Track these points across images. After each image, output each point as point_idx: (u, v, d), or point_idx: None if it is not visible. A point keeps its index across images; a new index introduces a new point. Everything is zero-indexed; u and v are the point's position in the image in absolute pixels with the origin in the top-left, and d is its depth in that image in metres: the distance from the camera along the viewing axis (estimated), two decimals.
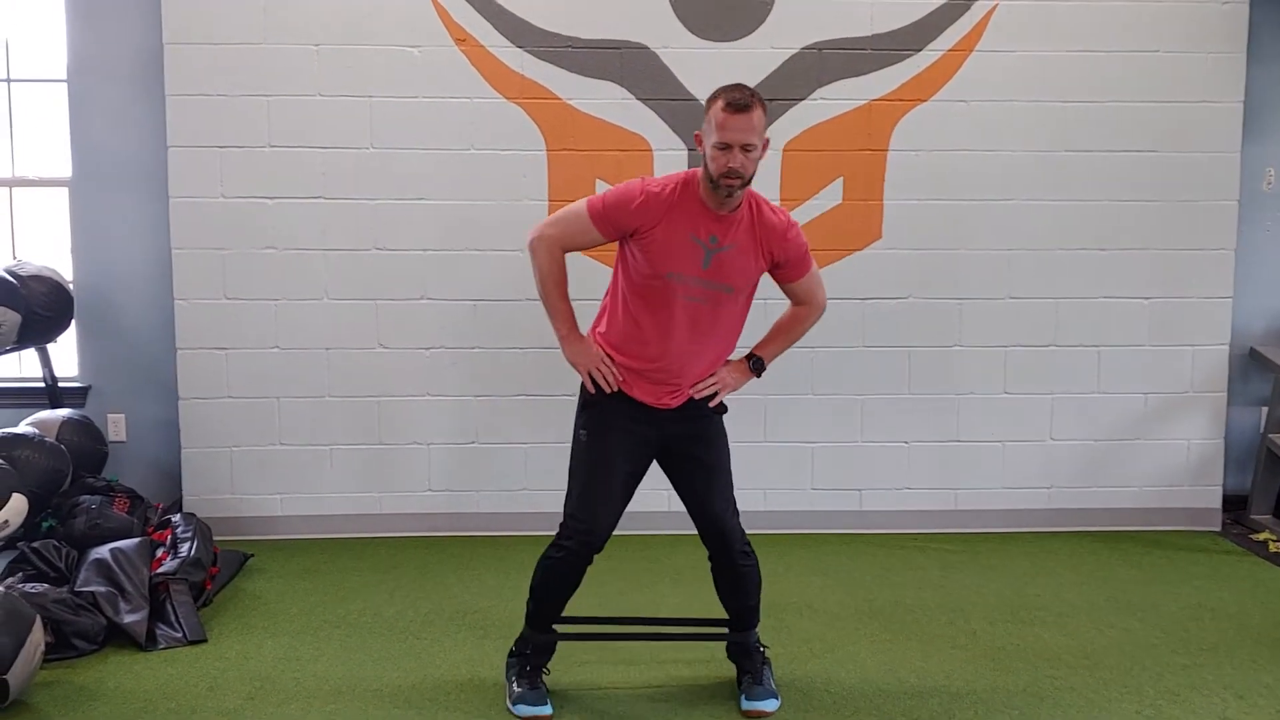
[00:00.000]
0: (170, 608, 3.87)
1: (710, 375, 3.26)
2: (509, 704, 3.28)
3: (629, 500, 3.27)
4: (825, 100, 4.91)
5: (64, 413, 4.79)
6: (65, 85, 4.99)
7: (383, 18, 4.79)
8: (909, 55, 4.91)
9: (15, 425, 4.55)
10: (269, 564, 4.62)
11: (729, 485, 3.31)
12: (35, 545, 4.04)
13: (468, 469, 5.01)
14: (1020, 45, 4.91)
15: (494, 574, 4.47)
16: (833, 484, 5.10)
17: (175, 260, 4.87)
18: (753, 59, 4.87)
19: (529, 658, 3.33)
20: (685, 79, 4.87)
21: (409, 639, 3.83)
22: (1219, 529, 5.15)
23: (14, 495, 3.91)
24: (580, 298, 3.30)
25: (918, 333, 5.04)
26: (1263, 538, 5.01)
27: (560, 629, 3.40)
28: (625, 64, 4.86)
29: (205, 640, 3.80)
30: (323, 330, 4.92)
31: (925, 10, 4.89)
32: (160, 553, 4.15)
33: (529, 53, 4.83)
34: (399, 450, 5.01)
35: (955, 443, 5.10)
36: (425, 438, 4.99)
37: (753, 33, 4.87)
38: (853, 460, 5.09)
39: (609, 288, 3.28)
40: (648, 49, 4.86)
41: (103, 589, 3.82)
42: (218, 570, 4.30)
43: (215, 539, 4.47)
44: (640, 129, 4.87)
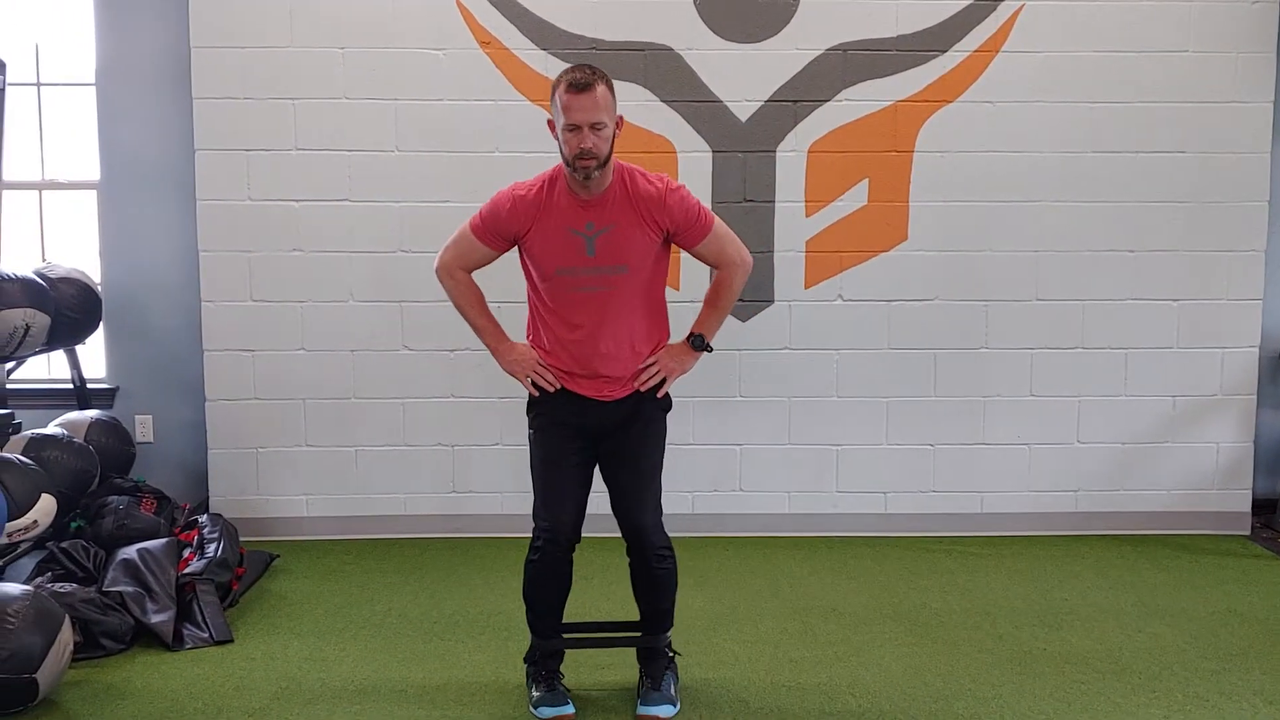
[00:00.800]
0: (197, 608, 3.89)
1: (651, 364, 3.23)
2: (531, 708, 3.29)
3: (588, 489, 3.25)
4: (850, 101, 4.90)
5: (92, 414, 4.83)
6: (94, 89, 5.04)
7: (408, 21, 4.81)
8: (934, 56, 4.88)
9: (44, 426, 4.58)
10: (294, 565, 4.64)
11: (655, 487, 3.26)
12: (64, 545, 4.08)
13: (492, 470, 5.02)
14: (1047, 46, 4.88)
15: (518, 576, 4.41)
16: (858, 486, 5.08)
17: (202, 262, 4.91)
18: (777, 60, 4.87)
19: (540, 664, 3.34)
20: (709, 81, 4.87)
21: (434, 640, 3.84)
22: (1248, 533, 5.10)
23: (43, 495, 3.94)
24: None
25: (944, 335, 5.01)
26: None
27: (567, 635, 3.41)
28: (649, 66, 4.86)
29: (232, 640, 3.82)
30: (348, 332, 4.94)
31: (951, 11, 4.86)
32: (187, 553, 4.18)
33: (553, 55, 4.84)
34: (424, 451, 5.03)
35: (981, 445, 5.07)
36: (450, 439, 5.00)
37: (777, 34, 4.86)
38: (878, 463, 5.07)
39: (527, 298, 3.27)
40: (672, 50, 4.85)
41: (130, 589, 3.85)
42: (244, 571, 4.33)
43: (241, 539, 4.50)
44: (664, 131, 4.87)
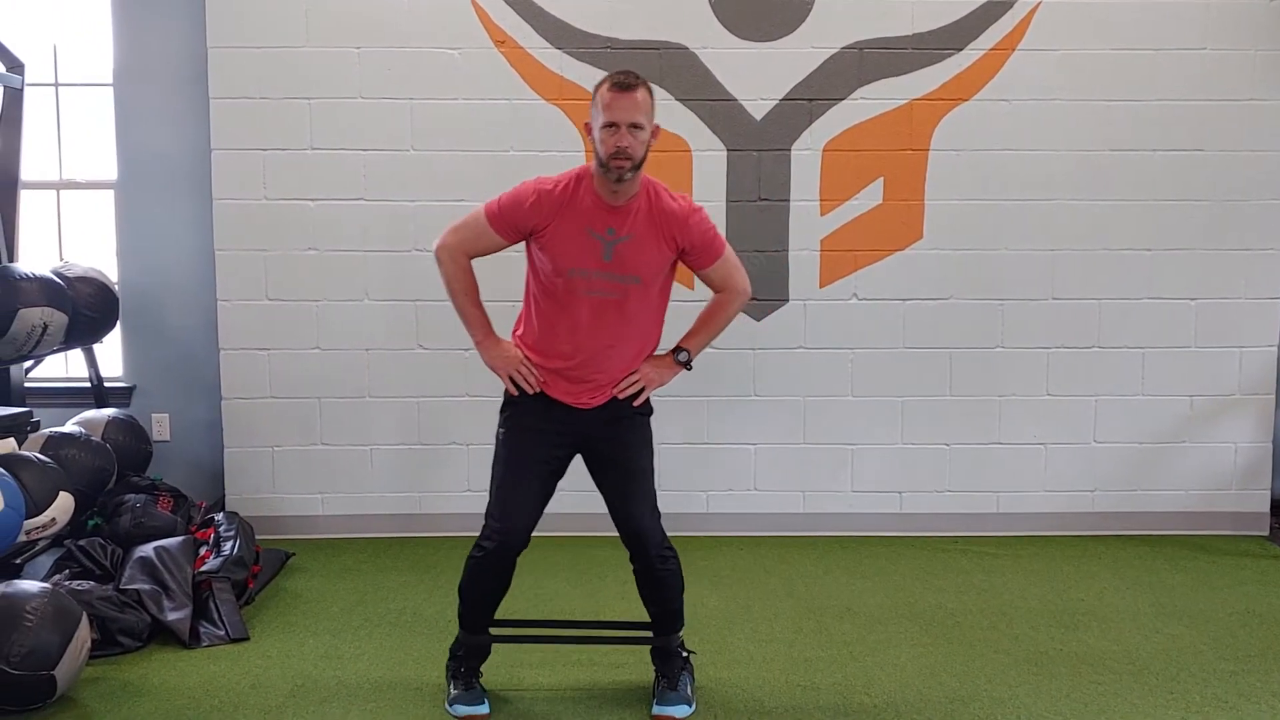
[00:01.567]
0: (213, 606, 3.91)
1: (632, 372, 3.22)
2: (446, 705, 3.29)
3: (548, 499, 3.25)
4: (866, 100, 4.88)
5: (109, 412, 4.85)
6: (111, 89, 5.06)
7: (423, 21, 4.82)
8: (950, 54, 4.87)
9: (62, 424, 4.61)
10: (310, 563, 4.66)
11: (648, 488, 3.25)
12: (81, 543, 4.10)
13: None
14: (1063, 44, 4.86)
15: (532, 575, 4.47)
16: (873, 486, 5.07)
17: (218, 261, 4.92)
18: (793, 59, 4.86)
19: (462, 659, 3.34)
20: (725, 79, 4.86)
21: (449, 638, 3.82)
22: (1267, 533, 5.07)
23: (61, 493, 3.96)
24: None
25: (959, 334, 5.00)
26: None
27: (499, 631, 3.41)
28: (665, 65, 4.85)
29: (248, 638, 3.84)
30: (363, 331, 4.96)
31: (967, 9, 4.85)
32: (203, 551, 4.19)
33: (568, 54, 4.84)
34: (439, 450, 5.04)
35: (997, 445, 5.05)
36: (465, 438, 5.01)
37: (793, 32, 4.85)
38: (893, 462, 5.06)
39: (524, 291, 3.27)
40: (687, 49, 4.85)
41: (147, 587, 3.87)
42: (260, 569, 4.34)
43: (257, 538, 4.52)
44: (679, 130, 4.87)
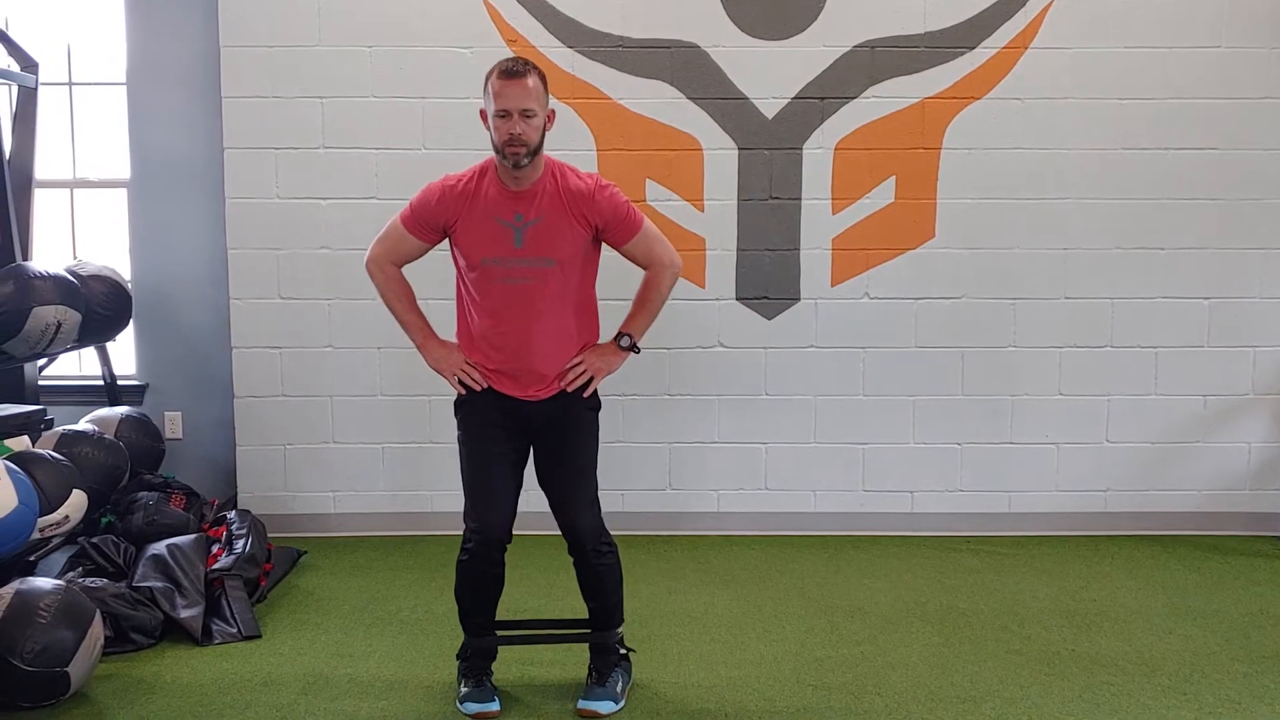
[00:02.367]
0: (225, 603, 3.92)
1: (577, 363, 3.23)
2: (458, 703, 3.30)
3: (519, 490, 3.26)
4: (877, 98, 4.87)
5: (122, 410, 4.87)
6: (125, 88, 5.08)
7: (435, 19, 4.82)
8: (963, 53, 4.85)
9: (75, 422, 4.62)
10: (322, 560, 4.67)
11: (587, 483, 3.26)
12: (94, 541, 4.12)
13: None
14: (1076, 42, 4.84)
15: (544, 573, 4.48)
16: (884, 485, 5.06)
17: (231, 260, 4.94)
18: (804, 57, 4.85)
19: (470, 661, 3.35)
20: (736, 78, 4.86)
21: (459, 636, 3.84)
22: None
23: (74, 491, 3.97)
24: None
25: (971, 333, 4.98)
26: None
27: (506, 632, 3.43)
28: (676, 63, 4.85)
29: (260, 636, 3.85)
30: (375, 329, 4.96)
31: (979, 7, 4.83)
32: (216, 549, 4.21)
33: (580, 53, 4.84)
34: (450, 449, 4.94)
35: (1009, 444, 5.04)
36: None
37: (804, 31, 4.84)
38: (905, 461, 5.05)
39: (455, 293, 3.28)
40: (699, 48, 4.85)
41: (160, 584, 3.88)
42: (272, 566, 4.35)
43: (269, 536, 4.53)
44: (691, 128, 4.86)
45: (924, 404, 5.02)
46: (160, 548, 4.04)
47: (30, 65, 4.85)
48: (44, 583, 3.39)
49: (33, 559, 4.00)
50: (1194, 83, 4.86)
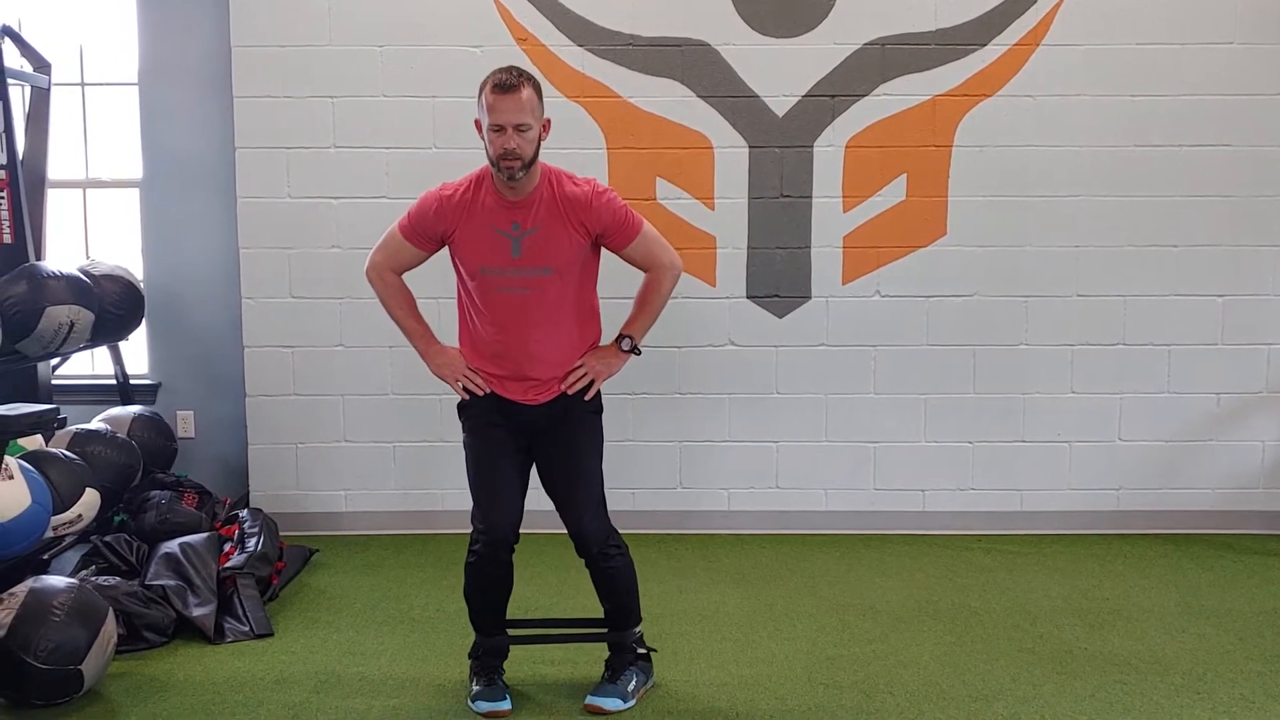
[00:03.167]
0: (238, 601, 3.93)
1: (578, 366, 3.22)
2: (469, 701, 3.30)
3: (524, 490, 3.26)
4: (889, 96, 4.86)
5: (135, 409, 4.88)
6: (137, 89, 5.09)
7: (446, 19, 4.83)
8: (974, 50, 4.84)
9: (88, 421, 4.64)
10: (333, 559, 4.68)
11: (591, 486, 3.25)
12: (107, 539, 4.13)
13: None
14: (1088, 39, 4.82)
15: (554, 571, 4.48)
16: (896, 484, 5.05)
17: (242, 259, 4.95)
18: (815, 55, 4.84)
19: (482, 660, 3.35)
20: (747, 76, 4.85)
21: (471, 634, 3.84)
22: None
23: (87, 490, 3.99)
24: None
25: (983, 331, 4.97)
26: None
27: (517, 631, 3.42)
28: (686, 61, 4.85)
29: (272, 634, 3.86)
30: (386, 329, 4.88)
31: (991, 4, 4.82)
32: (228, 547, 4.21)
33: (590, 51, 4.84)
34: (461, 448, 5.02)
35: (1021, 443, 5.02)
36: None
37: (815, 28, 4.84)
38: (916, 460, 5.04)
39: (456, 299, 3.28)
40: (709, 46, 4.84)
41: (172, 582, 3.89)
42: (284, 565, 4.36)
43: (281, 534, 4.53)
44: (701, 126, 4.86)
45: (935, 402, 5.01)
46: (173, 546, 4.05)
47: (43, 66, 4.87)
48: (57, 581, 3.40)
49: (46, 557, 4.02)
50: (1206, 79, 4.84)
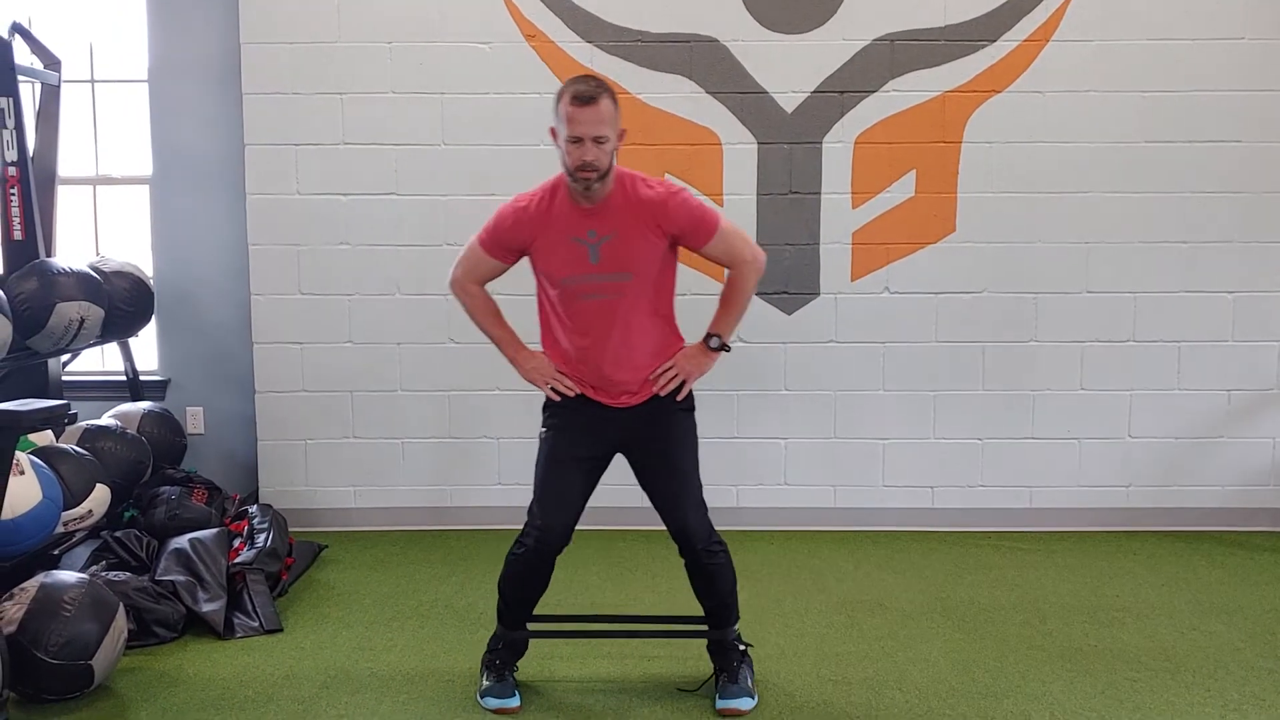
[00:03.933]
0: (247, 597, 3.94)
1: (668, 366, 3.22)
2: (478, 696, 3.30)
3: (588, 497, 3.25)
4: (897, 92, 4.85)
5: (144, 405, 4.89)
6: (146, 85, 5.10)
7: (454, 15, 4.83)
8: (983, 46, 4.82)
9: (98, 417, 4.65)
10: (342, 555, 4.69)
11: (691, 484, 3.25)
12: (117, 535, 4.15)
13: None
14: (1099, 35, 4.80)
15: (563, 569, 4.43)
16: (905, 480, 5.04)
17: (252, 256, 4.96)
18: (824, 51, 4.83)
19: (499, 653, 3.34)
20: (755, 72, 4.84)
21: (480, 631, 3.85)
22: None
23: (97, 485, 4.00)
24: None
25: (992, 327, 4.96)
26: None
27: (532, 626, 3.40)
28: (695, 57, 4.84)
29: (281, 630, 3.87)
30: (395, 325, 4.98)
31: (1000, 0, 4.80)
32: (237, 543, 4.23)
33: (599, 47, 4.84)
34: (469, 444, 5.05)
35: (1030, 440, 5.01)
36: (495, 432, 5.03)
37: (824, 24, 4.82)
38: (925, 457, 5.03)
39: (538, 306, 3.27)
40: (717, 42, 4.84)
41: (182, 578, 3.90)
42: (293, 561, 4.37)
43: (290, 530, 4.55)
44: (709, 123, 4.85)
45: (945, 399, 5.00)
46: (182, 542, 4.06)
47: (53, 63, 4.89)
48: (68, 576, 3.41)
49: (57, 553, 4.03)
50: (1217, 74, 4.82)
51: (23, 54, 4.74)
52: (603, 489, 3.32)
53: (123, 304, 4.65)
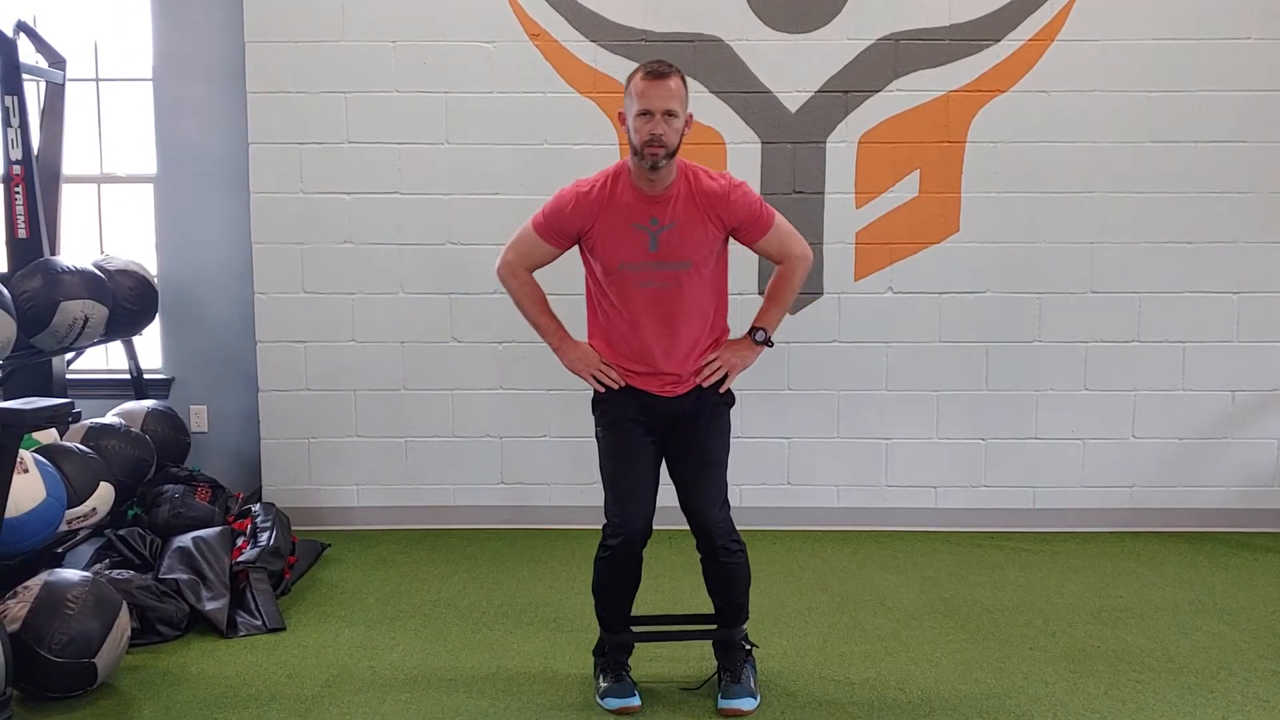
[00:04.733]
0: (250, 596, 3.94)
1: (713, 358, 3.22)
2: (598, 699, 3.29)
3: (658, 485, 3.26)
4: (902, 91, 4.85)
5: (148, 404, 4.90)
6: (151, 84, 5.11)
7: (458, 14, 4.83)
8: (988, 45, 4.82)
9: (102, 416, 4.66)
10: (345, 554, 4.69)
11: (720, 480, 3.25)
12: (121, 533, 4.16)
13: (539, 462, 5.04)
14: (1103, 34, 4.80)
15: (566, 567, 4.49)
16: (908, 481, 5.04)
17: (255, 254, 4.96)
18: (828, 50, 4.83)
19: (609, 656, 3.34)
20: (759, 71, 4.84)
21: (482, 630, 3.86)
22: None
23: (101, 484, 4.00)
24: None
25: (996, 327, 4.95)
26: None
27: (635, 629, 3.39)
28: (699, 57, 4.84)
29: (284, 628, 3.87)
30: (398, 324, 4.98)
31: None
32: (240, 541, 4.23)
33: (602, 46, 4.84)
34: (472, 443, 5.05)
35: (1034, 440, 5.00)
36: (498, 431, 5.03)
37: (828, 24, 4.82)
38: (928, 457, 5.02)
39: (585, 294, 3.28)
40: (721, 41, 4.83)
41: (185, 576, 3.91)
42: (296, 559, 4.37)
43: (293, 529, 4.55)
44: (713, 122, 4.85)
45: (948, 399, 5.00)
46: (186, 540, 4.06)
47: (58, 61, 4.90)
48: (71, 574, 3.42)
49: (60, 551, 4.04)
50: (1222, 75, 4.81)
51: (28, 52, 4.75)
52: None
53: (127, 302, 4.66)
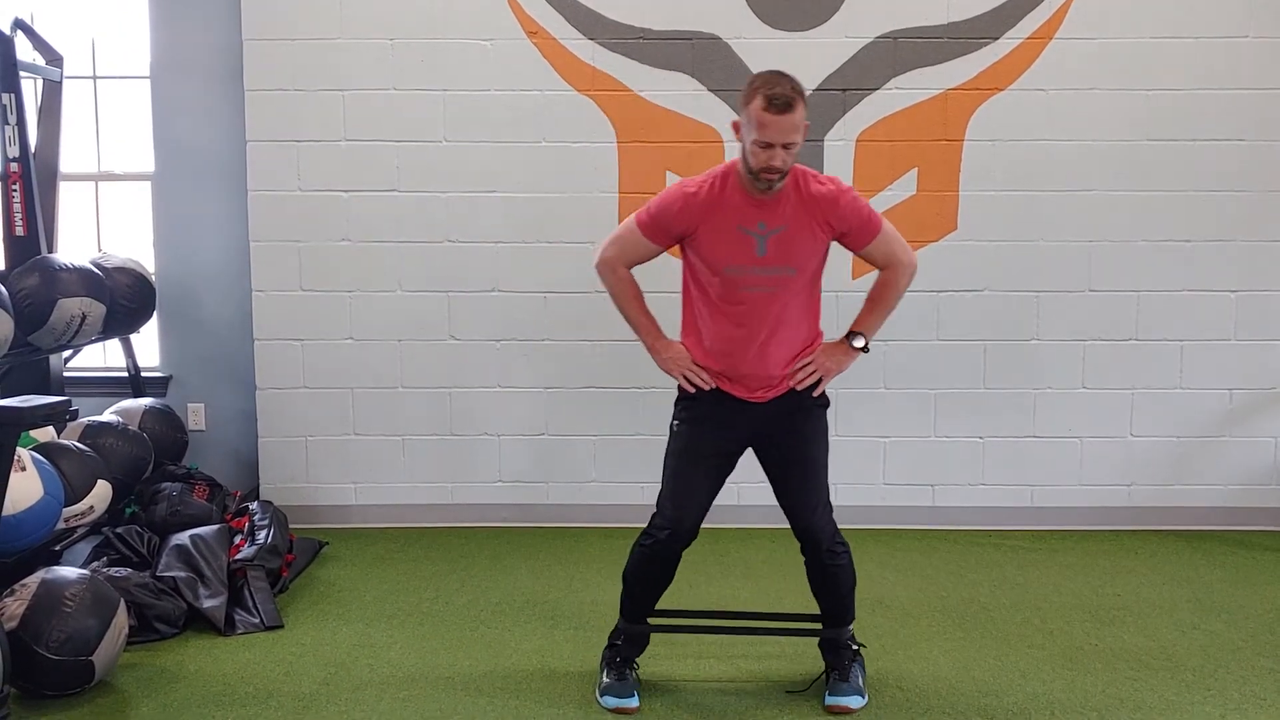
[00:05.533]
0: (248, 593, 3.94)
1: (807, 362, 3.20)
2: (596, 694, 3.29)
3: (717, 492, 3.25)
4: (900, 90, 4.85)
5: (146, 402, 4.90)
6: (149, 82, 5.10)
7: (456, 12, 4.82)
8: (986, 44, 4.82)
9: (100, 414, 4.66)
10: (343, 552, 4.69)
11: (821, 482, 3.24)
12: (119, 531, 4.15)
13: (538, 460, 5.04)
14: (1102, 32, 4.80)
15: (563, 565, 4.49)
16: (906, 479, 5.04)
17: (253, 252, 4.96)
18: (826, 48, 4.83)
19: (620, 649, 3.33)
20: (758, 69, 4.79)
21: (480, 628, 3.86)
22: None
23: (99, 482, 4.00)
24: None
25: (994, 326, 4.95)
26: None
27: (652, 621, 3.38)
28: (697, 55, 4.84)
29: (281, 626, 3.87)
30: (396, 322, 4.98)
31: None
32: (238, 539, 4.23)
33: (600, 44, 4.83)
34: (470, 441, 5.05)
35: (1032, 438, 5.00)
36: (496, 429, 5.03)
37: (826, 22, 4.82)
38: (926, 455, 5.03)
39: (683, 294, 3.26)
40: (719, 39, 4.83)
41: (183, 574, 3.90)
42: (294, 557, 4.37)
43: (291, 527, 4.55)
44: (711, 120, 4.85)
45: (946, 397, 5.00)
46: (183, 538, 4.06)
47: (55, 59, 4.89)
48: (69, 572, 3.42)
49: (58, 549, 4.04)
50: (1221, 73, 4.81)
51: (25, 50, 4.75)
52: None
53: (124, 300, 4.65)
